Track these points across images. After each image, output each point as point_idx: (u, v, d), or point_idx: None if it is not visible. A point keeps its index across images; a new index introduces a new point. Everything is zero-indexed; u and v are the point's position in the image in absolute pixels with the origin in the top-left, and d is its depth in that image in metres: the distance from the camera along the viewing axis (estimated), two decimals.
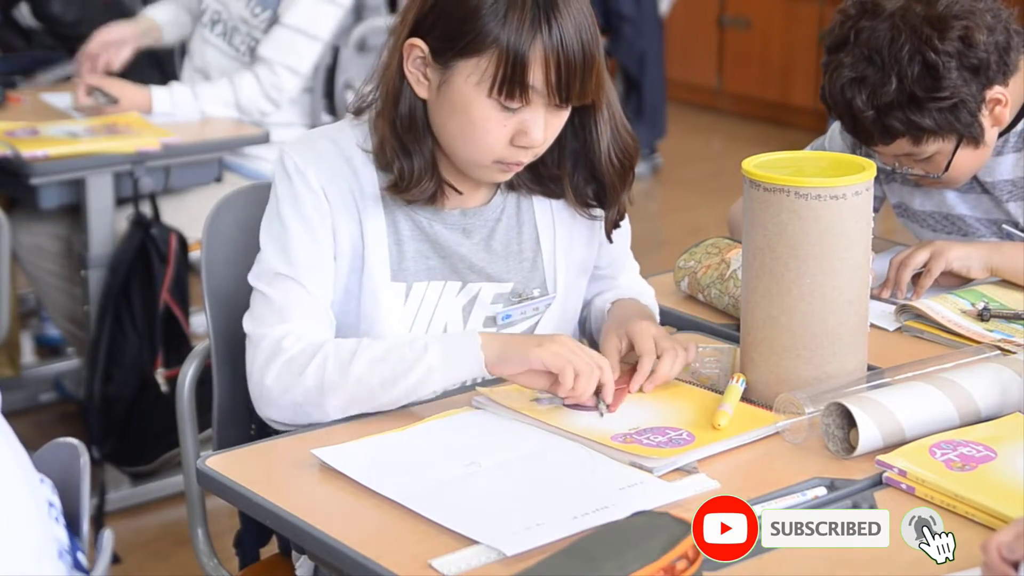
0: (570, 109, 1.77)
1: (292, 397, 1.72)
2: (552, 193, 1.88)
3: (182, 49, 3.71)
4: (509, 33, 1.67)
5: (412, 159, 1.77)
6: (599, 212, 1.90)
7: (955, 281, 2.12)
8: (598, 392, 1.70)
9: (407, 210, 1.83)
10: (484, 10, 1.68)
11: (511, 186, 1.88)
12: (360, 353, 1.71)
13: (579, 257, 1.93)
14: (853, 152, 2.30)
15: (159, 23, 3.61)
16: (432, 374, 1.70)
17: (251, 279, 1.80)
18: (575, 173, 1.85)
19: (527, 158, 1.77)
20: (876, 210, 2.39)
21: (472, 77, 1.70)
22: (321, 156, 1.81)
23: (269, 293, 1.78)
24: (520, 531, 1.42)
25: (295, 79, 3.41)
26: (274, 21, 3.41)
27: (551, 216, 1.90)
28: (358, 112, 1.84)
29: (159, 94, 3.36)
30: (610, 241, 1.93)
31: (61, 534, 1.38)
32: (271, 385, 1.73)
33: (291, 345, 1.73)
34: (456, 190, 1.82)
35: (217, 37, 3.51)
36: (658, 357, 1.78)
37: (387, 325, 1.80)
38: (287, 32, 3.39)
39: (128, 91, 3.39)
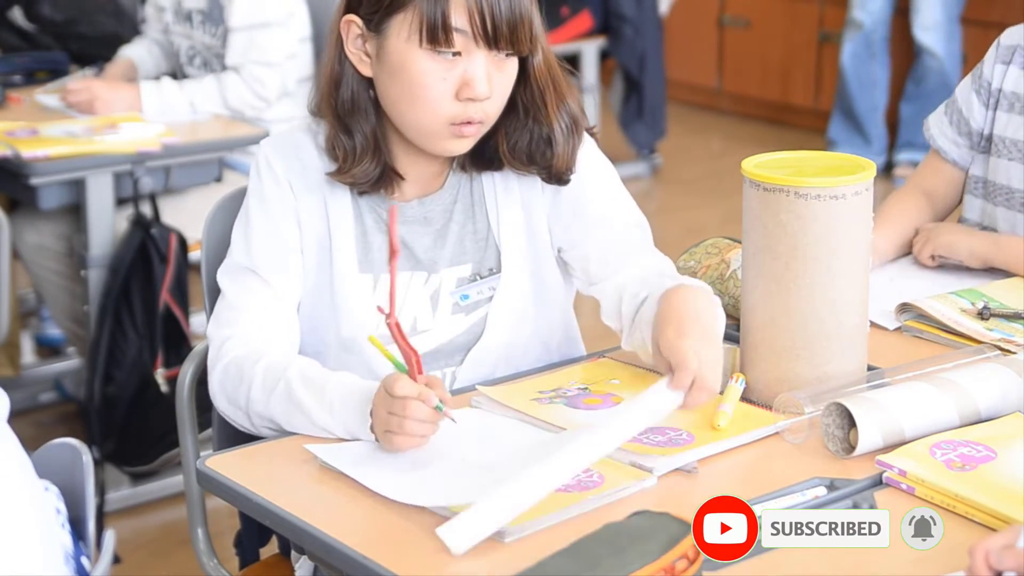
0: (516, 68, 1.76)
1: (234, 403, 1.74)
2: (489, 165, 1.85)
3: None
4: None
5: (353, 138, 1.78)
6: (535, 169, 1.84)
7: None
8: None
9: (371, 203, 1.83)
10: None
11: (462, 167, 1.87)
12: (275, 397, 1.69)
13: (535, 232, 1.88)
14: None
15: (135, 61, 3.64)
16: (343, 445, 1.66)
17: (218, 275, 1.83)
18: (508, 128, 1.81)
19: (477, 113, 1.75)
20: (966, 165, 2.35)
21: (403, 33, 1.72)
22: (294, 148, 1.83)
23: (227, 290, 1.80)
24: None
25: (272, 71, 3.42)
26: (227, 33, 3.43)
27: (499, 193, 1.87)
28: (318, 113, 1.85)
29: (147, 91, 3.36)
30: (562, 183, 1.85)
31: (66, 540, 1.38)
32: (216, 390, 1.76)
33: (231, 349, 1.75)
34: (400, 175, 1.82)
35: (199, 70, 3.54)
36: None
37: (359, 316, 1.81)
38: (239, 34, 3.41)
39: (117, 90, 3.39)
